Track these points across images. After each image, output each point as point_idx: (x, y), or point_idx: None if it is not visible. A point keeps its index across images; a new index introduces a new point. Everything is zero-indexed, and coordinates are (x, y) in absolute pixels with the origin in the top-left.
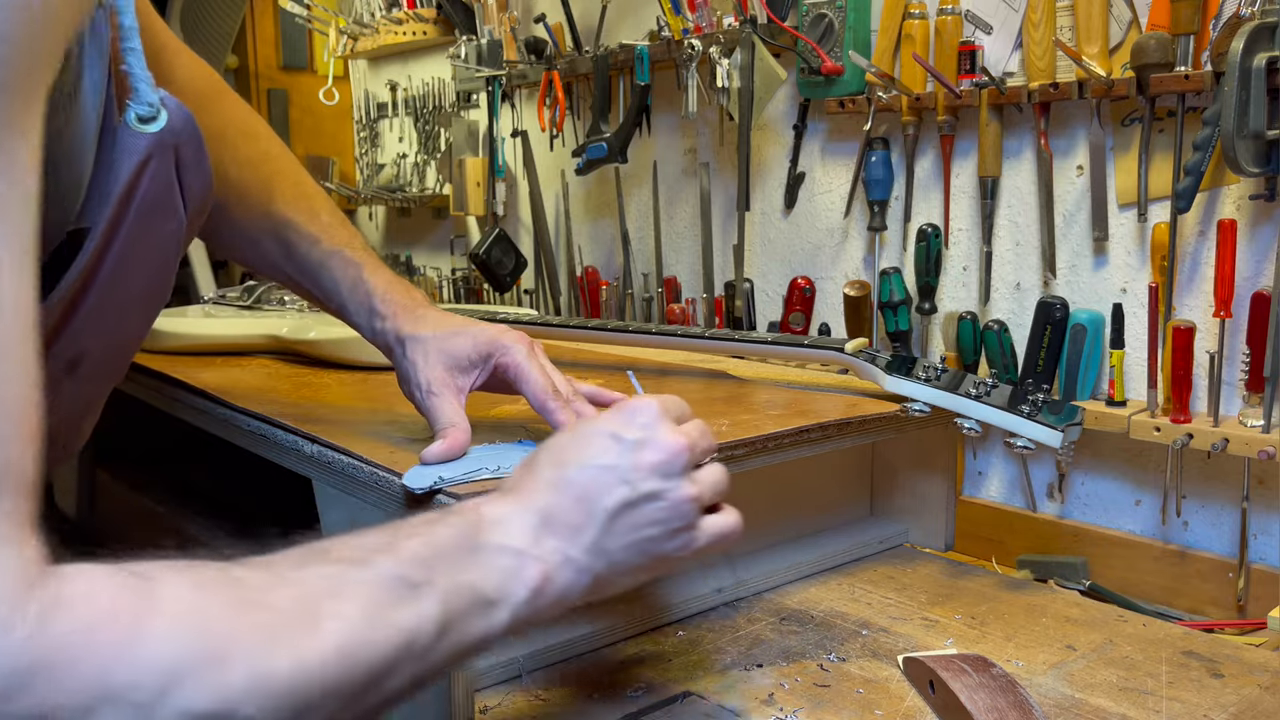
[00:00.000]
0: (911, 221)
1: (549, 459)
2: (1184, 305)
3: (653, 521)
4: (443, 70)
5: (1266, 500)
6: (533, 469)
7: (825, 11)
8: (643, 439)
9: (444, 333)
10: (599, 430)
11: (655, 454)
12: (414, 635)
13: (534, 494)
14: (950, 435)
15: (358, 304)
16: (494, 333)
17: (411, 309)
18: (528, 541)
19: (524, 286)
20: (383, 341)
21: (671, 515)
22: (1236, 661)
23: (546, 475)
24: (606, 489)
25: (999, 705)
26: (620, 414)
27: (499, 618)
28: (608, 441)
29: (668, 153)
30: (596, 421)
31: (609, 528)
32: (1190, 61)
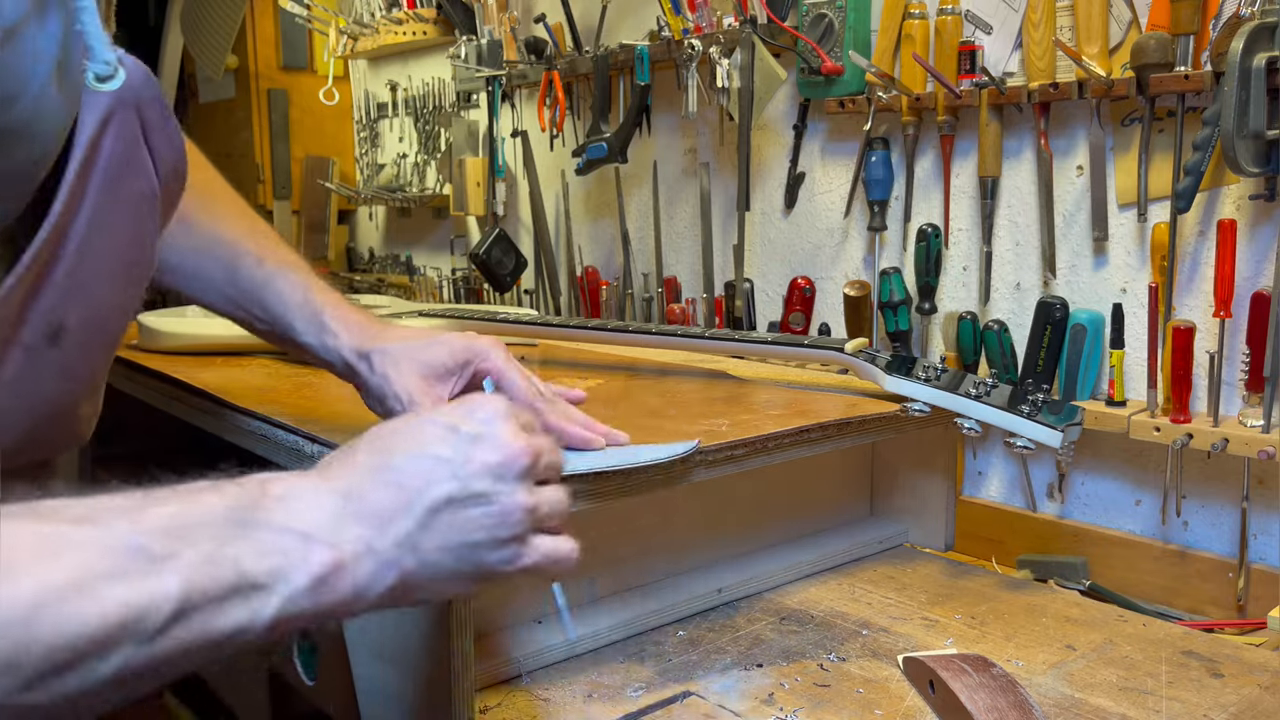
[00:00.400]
0: (911, 221)
1: (372, 442)
2: (1184, 305)
3: (478, 525)
4: (443, 70)
5: (1266, 500)
6: (351, 450)
7: (825, 11)
8: (481, 434)
9: (416, 343)
10: (435, 420)
11: (492, 453)
12: (140, 613)
13: (344, 475)
14: (950, 435)
15: (306, 321)
16: (468, 339)
17: (367, 325)
18: (320, 524)
19: (524, 286)
20: (337, 358)
21: (499, 522)
22: (1236, 661)
23: (364, 458)
24: (431, 481)
25: (999, 705)
26: (462, 406)
27: (265, 606)
28: (442, 431)
29: (668, 153)
30: (435, 411)
31: (427, 523)
32: (1190, 61)
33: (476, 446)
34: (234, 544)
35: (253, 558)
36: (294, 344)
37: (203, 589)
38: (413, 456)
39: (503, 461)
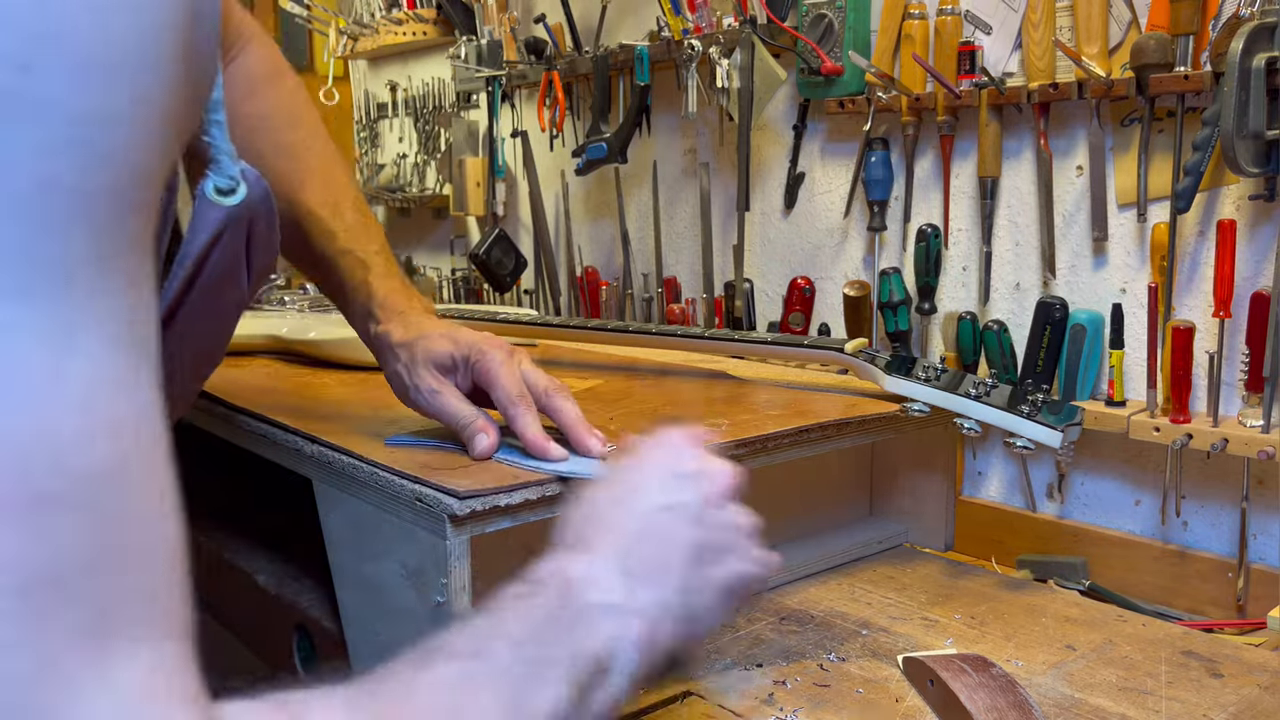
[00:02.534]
0: (911, 222)
1: (610, 503)
2: (1183, 305)
3: (726, 551)
4: (443, 70)
5: (1266, 500)
6: (594, 517)
7: (825, 12)
8: (698, 471)
9: (430, 334)
10: (651, 468)
11: (710, 485)
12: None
13: (610, 544)
14: (950, 435)
15: (358, 306)
16: (473, 336)
17: (404, 315)
18: (620, 596)
19: (524, 286)
20: (375, 346)
21: (738, 543)
22: (1236, 661)
23: (615, 522)
24: (679, 527)
25: (999, 705)
26: (665, 450)
27: (616, 683)
28: (665, 478)
29: (668, 153)
30: (644, 460)
31: (690, 567)
32: (1190, 62)
33: (696, 484)
34: (579, 636)
35: (595, 644)
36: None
37: (581, 683)
38: (653, 512)
39: (722, 490)
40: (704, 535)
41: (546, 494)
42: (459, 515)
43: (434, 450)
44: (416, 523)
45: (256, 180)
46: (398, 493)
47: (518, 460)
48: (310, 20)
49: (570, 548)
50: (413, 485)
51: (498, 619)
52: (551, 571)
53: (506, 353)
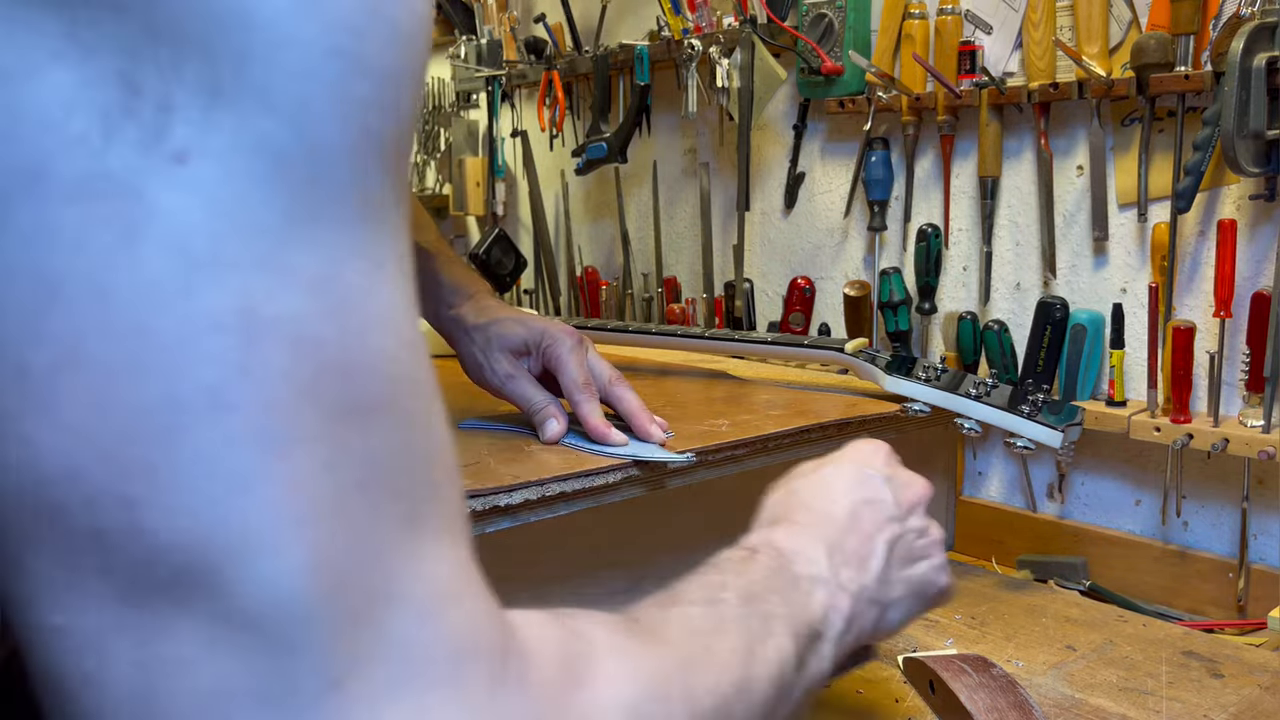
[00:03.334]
0: (911, 221)
1: (812, 490)
2: (1184, 305)
3: (921, 555)
4: (442, 70)
5: (1266, 500)
6: (795, 500)
7: (825, 11)
8: (893, 477)
9: (504, 318)
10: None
11: (913, 493)
12: (782, 667)
13: (814, 525)
14: (950, 435)
15: (428, 293)
16: (545, 323)
17: (475, 299)
18: (828, 573)
19: (524, 286)
20: (448, 329)
21: (932, 549)
22: (1236, 661)
23: (817, 506)
24: (880, 523)
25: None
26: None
27: (826, 650)
28: (866, 475)
29: (668, 153)
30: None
31: (889, 559)
32: (1190, 61)
33: (895, 487)
34: (797, 598)
35: (811, 610)
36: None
37: (802, 639)
38: (858, 503)
39: (920, 497)
40: (901, 533)
41: (547, 494)
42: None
43: (504, 434)
44: None
45: None
46: None
47: (582, 445)
48: None
49: (775, 523)
50: None
51: (724, 573)
52: (763, 540)
53: (576, 340)
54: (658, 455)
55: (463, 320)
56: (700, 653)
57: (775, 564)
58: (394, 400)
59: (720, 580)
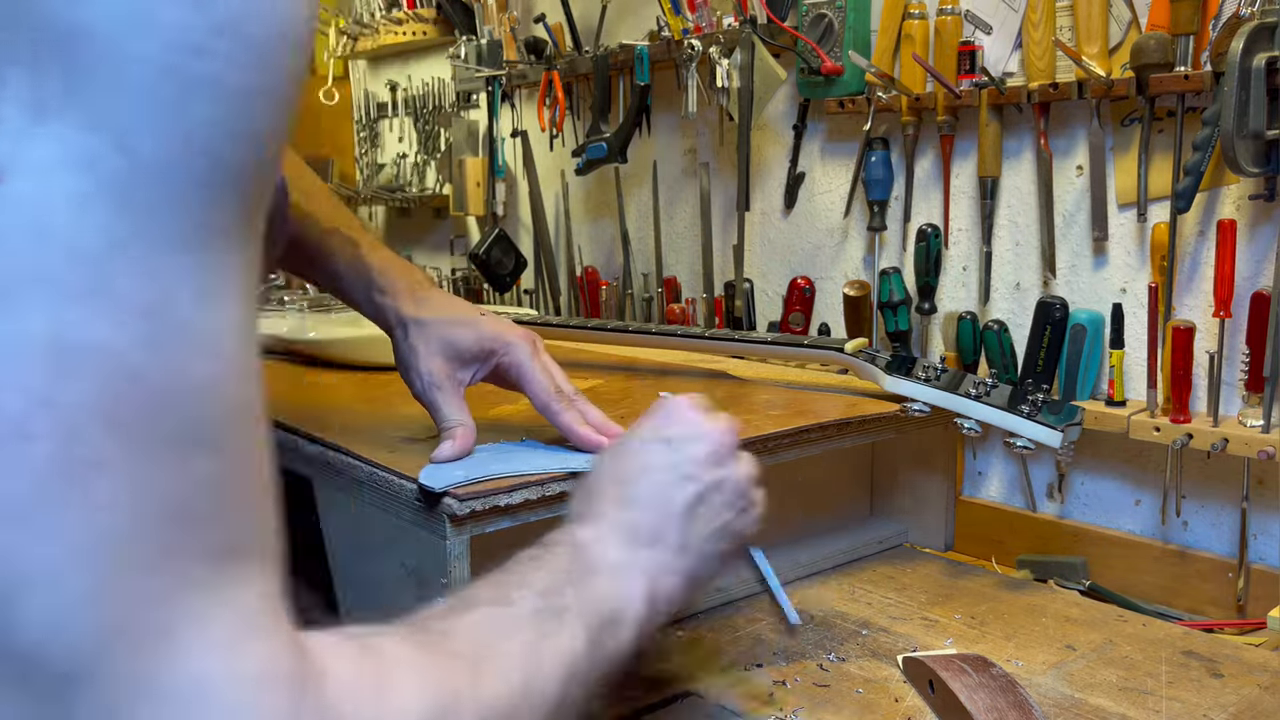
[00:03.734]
0: (911, 221)
1: (608, 477)
2: (1184, 305)
3: (723, 507)
4: (443, 70)
5: (1266, 500)
6: (595, 491)
7: (825, 11)
8: (688, 434)
9: (447, 318)
10: (644, 437)
11: (706, 445)
12: (572, 662)
13: (609, 513)
14: (950, 435)
15: (355, 278)
16: (498, 329)
17: (413, 289)
18: (627, 557)
19: (524, 286)
20: (382, 319)
21: (736, 497)
22: (1236, 661)
23: (613, 493)
24: (674, 491)
25: (999, 705)
26: (658, 417)
27: (625, 633)
28: (658, 446)
29: (668, 153)
30: (639, 430)
31: (688, 524)
32: (1190, 61)
33: (689, 446)
34: (592, 589)
35: (607, 596)
36: (348, 301)
37: (595, 630)
38: (650, 480)
39: (715, 449)
40: (696, 492)
41: (546, 494)
42: (459, 515)
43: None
44: (416, 523)
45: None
46: (398, 493)
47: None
48: None
49: (578, 518)
50: (413, 485)
51: (518, 572)
52: (562, 536)
53: (532, 345)
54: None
55: (398, 310)
56: (488, 656)
57: (571, 556)
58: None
59: (515, 579)
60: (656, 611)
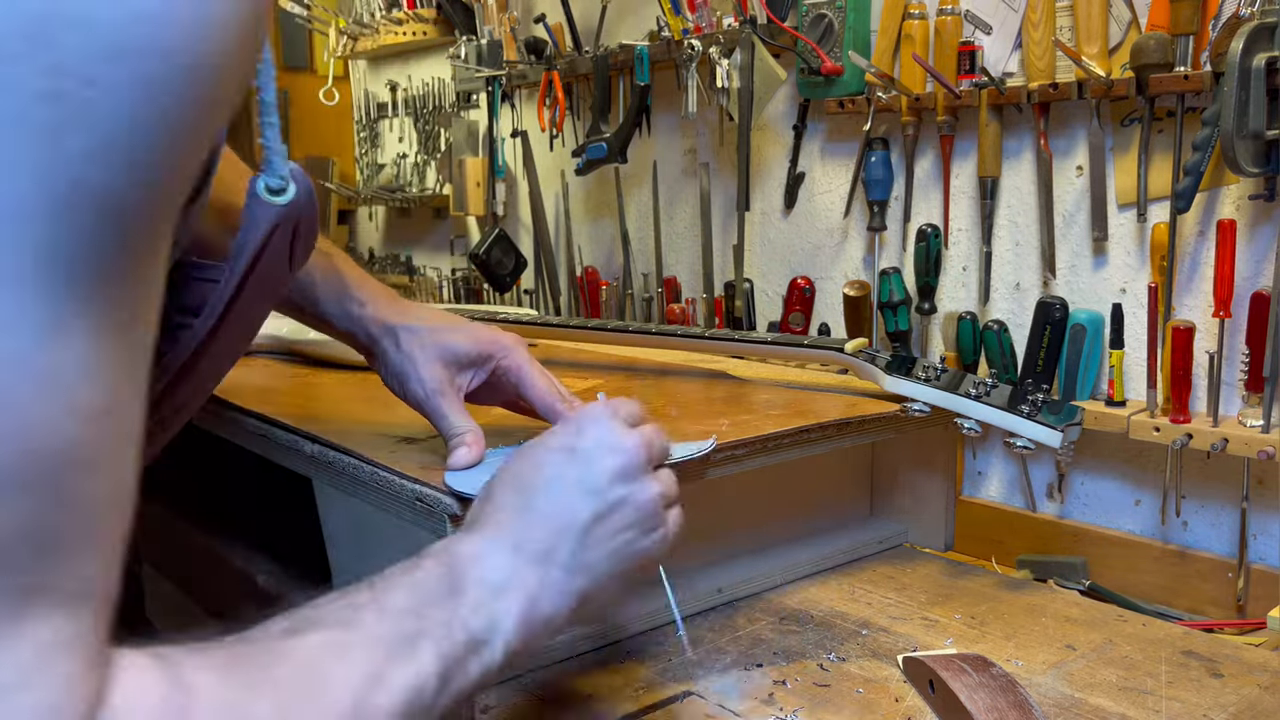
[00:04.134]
0: (911, 221)
1: (509, 485)
2: (1183, 305)
3: (627, 525)
4: (443, 70)
5: (1266, 500)
6: (493, 499)
7: (825, 12)
8: (598, 446)
9: (440, 325)
10: (552, 446)
11: (615, 459)
12: (418, 691)
13: (502, 525)
14: (950, 435)
15: (329, 291)
16: (492, 333)
17: (392, 299)
18: (507, 575)
19: (524, 286)
20: (361, 329)
21: (642, 516)
22: (1236, 661)
23: (511, 502)
24: (575, 506)
25: (999, 705)
26: (570, 425)
27: (493, 655)
28: (564, 457)
29: (668, 153)
30: (548, 438)
31: (584, 542)
32: (1190, 62)
33: (598, 459)
34: (456, 610)
35: (472, 618)
36: (317, 315)
37: (451, 656)
38: (550, 491)
39: (625, 465)
40: (600, 511)
41: None
42: (459, 515)
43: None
44: (416, 523)
45: (303, 178)
46: (398, 493)
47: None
48: (310, 20)
49: (466, 525)
50: (413, 485)
51: (376, 589)
52: (440, 549)
53: (527, 350)
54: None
55: (383, 320)
56: (310, 686)
57: (441, 573)
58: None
59: (367, 599)
60: (534, 634)
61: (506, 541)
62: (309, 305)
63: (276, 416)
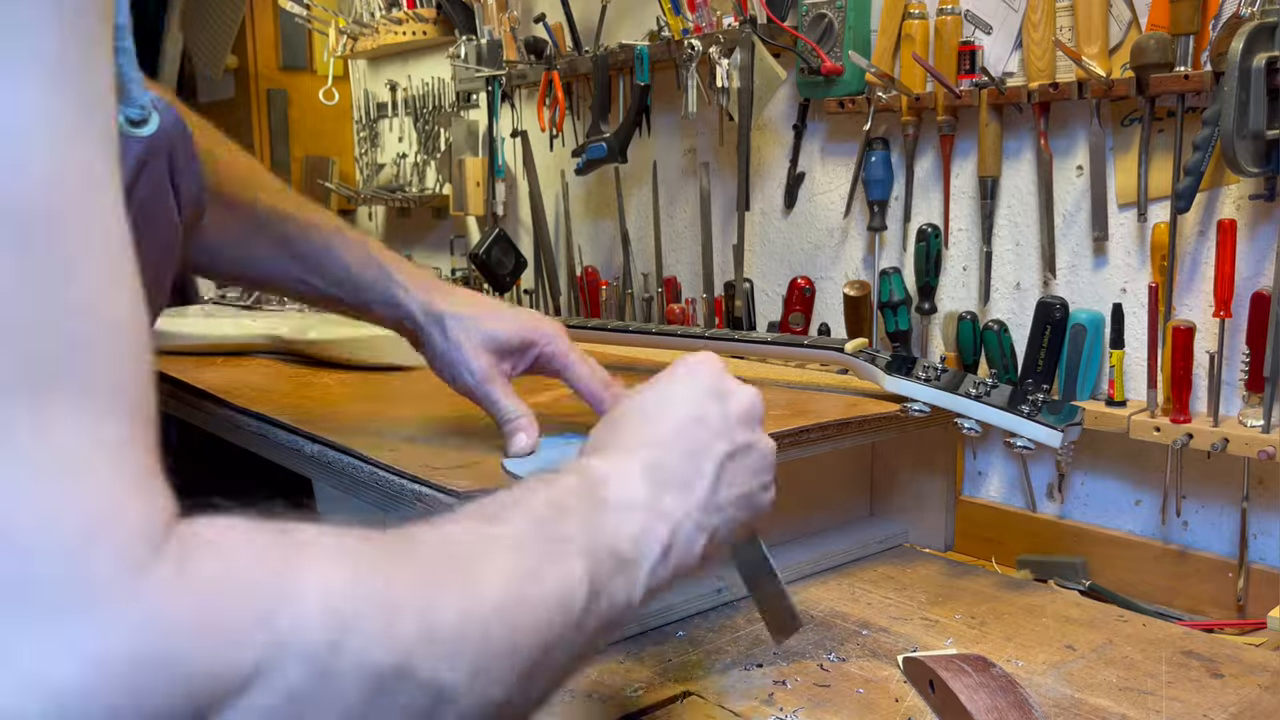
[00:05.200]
0: (911, 221)
1: (636, 416)
2: (1184, 305)
3: (752, 471)
4: (443, 70)
5: (1266, 500)
6: (620, 426)
7: (825, 11)
8: (723, 390)
9: (485, 313)
10: (679, 383)
11: (740, 404)
12: (568, 595)
13: (635, 450)
14: (950, 435)
15: (371, 276)
16: (534, 320)
17: (435, 283)
18: (647, 498)
19: (524, 286)
20: (405, 313)
21: (763, 465)
22: (1236, 661)
23: (641, 431)
24: (708, 441)
25: (999, 705)
26: (690, 367)
27: (638, 580)
28: (693, 393)
29: (668, 153)
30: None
31: (718, 480)
32: (1190, 61)
33: (725, 401)
34: (602, 524)
35: (619, 534)
36: (356, 303)
37: (599, 566)
38: (683, 426)
39: (748, 410)
40: (731, 450)
41: None
42: None
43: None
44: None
45: (167, 108)
46: (398, 493)
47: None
48: (310, 20)
49: (597, 450)
50: (413, 485)
51: (516, 494)
52: (575, 467)
53: (568, 336)
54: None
55: (429, 305)
56: (452, 569)
57: (582, 487)
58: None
59: (512, 499)
60: (674, 568)
61: (644, 467)
62: (349, 293)
63: (276, 416)
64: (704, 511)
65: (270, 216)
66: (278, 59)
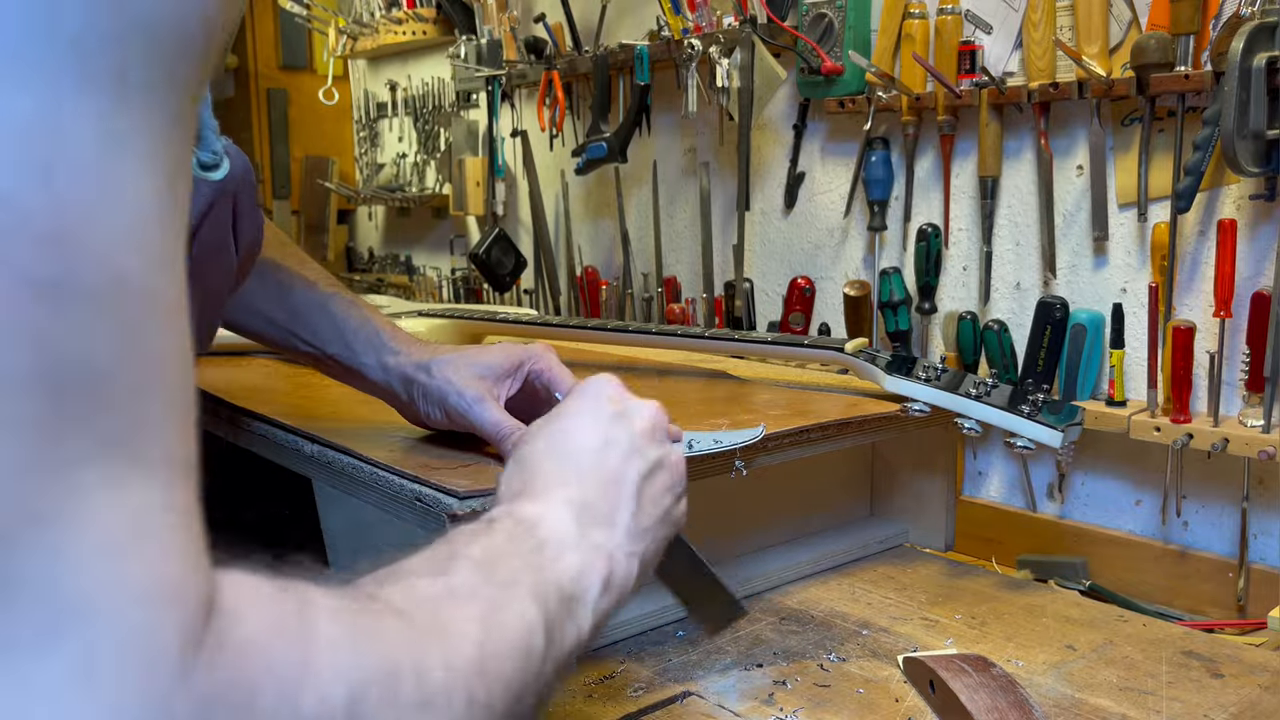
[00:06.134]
0: (911, 221)
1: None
2: (1184, 305)
3: (665, 488)
4: (443, 70)
5: (1266, 500)
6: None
7: (825, 11)
8: (625, 410)
9: (470, 351)
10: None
11: (644, 420)
12: (528, 641)
13: (555, 489)
14: (950, 435)
15: (366, 340)
16: (521, 346)
17: (424, 344)
18: (576, 536)
19: (524, 286)
20: (398, 374)
21: (675, 479)
22: (1236, 661)
23: (557, 470)
24: (621, 467)
25: (999, 705)
26: (588, 393)
27: (584, 618)
28: (595, 421)
29: (668, 153)
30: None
31: (638, 503)
32: (1190, 61)
33: (630, 421)
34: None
35: (560, 575)
36: (343, 363)
37: (549, 610)
38: (595, 452)
39: (653, 424)
40: (645, 469)
41: None
42: (459, 515)
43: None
44: (416, 523)
45: (238, 154)
46: (398, 493)
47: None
48: (310, 20)
49: (517, 495)
50: (413, 485)
51: (454, 544)
52: (502, 512)
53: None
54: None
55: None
56: (430, 624)
57: (515, 530)
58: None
59: (449, 551)
60: (614, 601)
61: (568, 506)
62: (343, 357)
63: (276, 416)
64: (631, 539)
65: (269, 267)
66: (277, 58)
